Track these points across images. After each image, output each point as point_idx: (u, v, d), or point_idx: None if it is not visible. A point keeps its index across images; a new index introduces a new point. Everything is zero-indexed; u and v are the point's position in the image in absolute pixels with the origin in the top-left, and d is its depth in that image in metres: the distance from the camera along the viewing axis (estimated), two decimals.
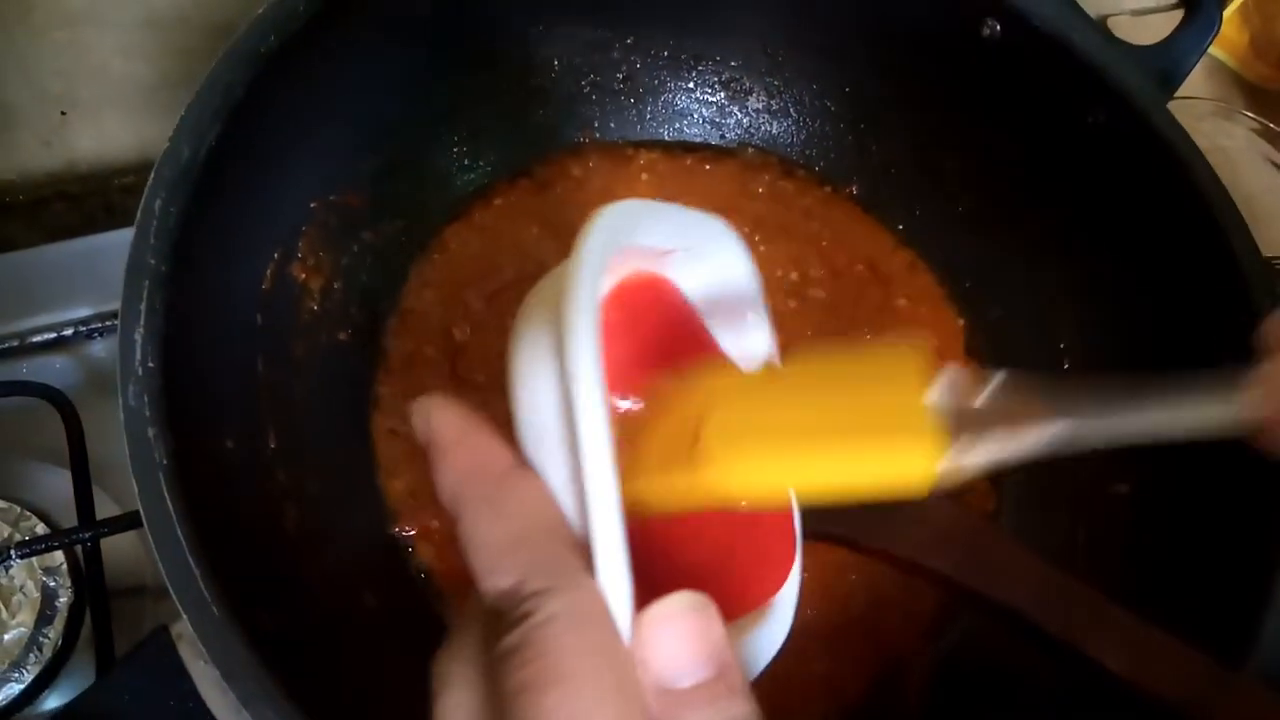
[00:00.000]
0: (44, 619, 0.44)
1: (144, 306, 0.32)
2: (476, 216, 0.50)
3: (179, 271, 0.33)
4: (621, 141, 0.54)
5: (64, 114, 0.59)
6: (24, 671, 0.44)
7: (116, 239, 0.54)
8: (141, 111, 0.59)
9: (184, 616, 0.29)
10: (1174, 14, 0.48)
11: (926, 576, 0.38)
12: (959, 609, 0.45)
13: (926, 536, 0.38)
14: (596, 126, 0.53)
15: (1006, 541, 0.40)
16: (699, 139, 0.55)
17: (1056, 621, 0.34)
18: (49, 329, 0.53)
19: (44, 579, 0.45)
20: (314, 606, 0.39)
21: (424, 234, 0.49)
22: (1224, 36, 0.70)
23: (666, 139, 0.55)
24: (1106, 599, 0.35)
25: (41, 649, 0.44)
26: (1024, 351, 0.49)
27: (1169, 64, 0.46)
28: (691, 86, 0.54)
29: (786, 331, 0.31)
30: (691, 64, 0.53)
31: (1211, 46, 0.47)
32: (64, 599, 0.45)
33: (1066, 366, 0.48)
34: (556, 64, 0.51)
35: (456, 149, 0.50)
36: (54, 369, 0.53)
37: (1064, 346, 0.48)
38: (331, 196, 0.44)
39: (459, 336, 0.47)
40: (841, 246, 0.52)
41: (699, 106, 0.54)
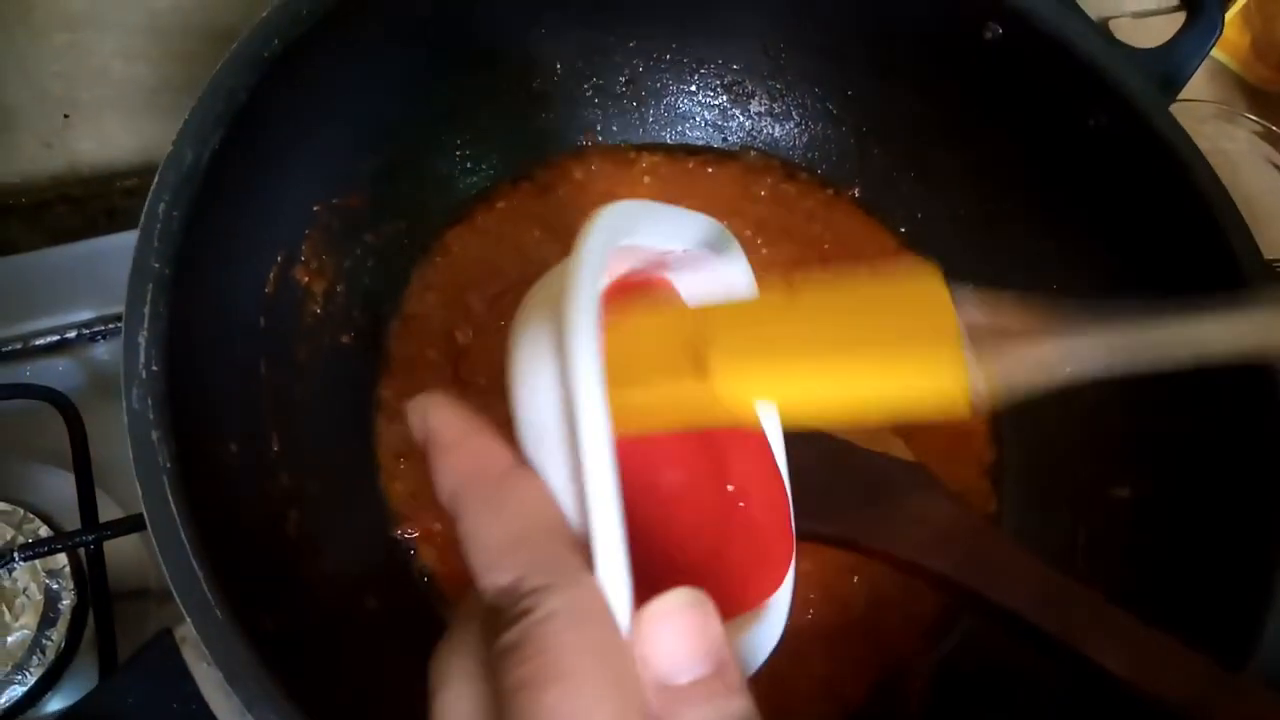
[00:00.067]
0: (47, 621, 0.44)
1: (148, 310, 0.32)
2: (478, 219, 0.51)
3: (182, 275, 0.33)
4: (623, 144, 0.54)
5: (66, 116, 0.59)
6: (27, 674, 0.43)
7: (118, 242, 0.54)
8: (143, 114, 0.59)
9: (187, 619, 0.29)
10: (1175, 16, 0.48)
11: (926, 578, 0.38)
12: (959, 610, 0.45)
13: (927, 537, 0.38)
14: (599, 129, 0.54)
15: (1007, 542, 0.40)
16: (701, 142, 0.55)
17: (1057, 622, 0.34)
18: (51, 331, 0.52)
19: (47, 581, 0.45)
20: (316, 609, 0.39)
21: (426, 236, 0.49)
22: (1225, 39, 0.70)
23: (669, 142, 0.55)
24: (1107, 600, 0.35)
25: (44, 652, 0.44)
26: None
27: (1171, 67, 0.46)
28: (694, 89, 0.54)
29: None
30: (694, 67, 0.53)
31: (1213, 49, 0.47)
32: (67, 602, 0.45)
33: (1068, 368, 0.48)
34: (558, 67, 0.51)
35: (458, 152, 0.50)
36: (56, 371, 0.52)
37: None
38: (334, 199, 0.44)
39: (461, 339, 0.47)
40: (844, 249, 0.52)
41: (701, 109, 0.54)
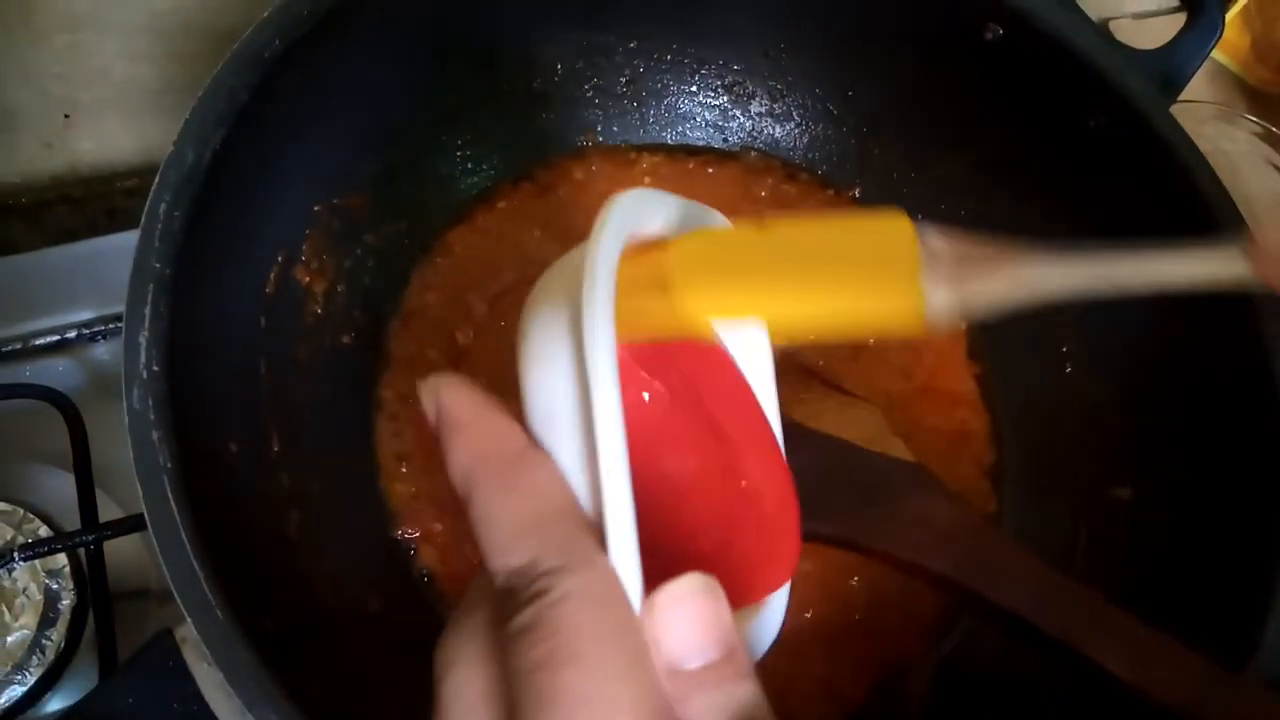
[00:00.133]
0: (47, 622, 0.44)
1: (148, 310, 0.32)
2: (479, 219, 0.51)
3: (183, 275, 0.33)
4: (624, 145, 0.54)
5: (66, 117, 0.59)
6: (27, 674, 0.43)
7: (119, 242, 0.54)
8: (144, 115, 0.59)
9: (188, 619, 0.29)
10: (1175, 17, 0.48)
11: (927, 578, 0.38)
12: (959, 610, 0.45)
13: (927, 538, 0.38)
14: (599, 130, 0.54)
15: (1007, 543, 0.40)
16: (702, 142, 0.55)
17: (1057, 623, 0.34)
18: (51, 331, 0.52)
19: (47, 582, 0.45)
20: (317, 609, 0.39)
21: (426, 236, 0.49)
22: (1225, 40, 0.69)
23: (669, 142, 0.55)
24: (1107, 600, 0.35)
25: (44, 652, 0.44)
26: (1025, 351, 0.50)
27: (1172, 68, 0.46)
28: (694, 90, 0.54)
29: None
30: (694, 67, 0.53)
31: (1213, 50, 0.47)
32: (67, 602, 0.45)
33: (1069, 370, 0.48)
34: (559, 67, 0.51)
35: (459, 152, 0.50)
36: (57, 371, 0.52)
37: (1066, 350, 0.48)
38: (334, 199, 0.44)
39: (461, 339, 0.47)
40: None
41: (702, 110, 0.54)
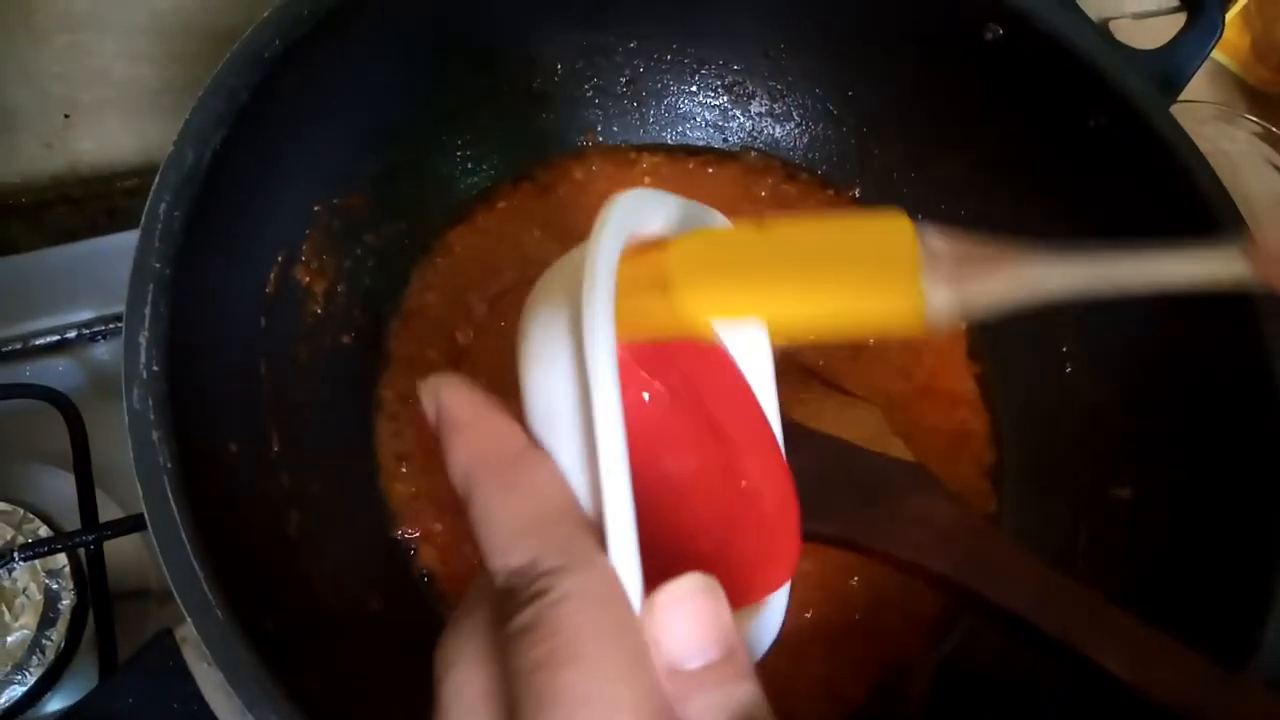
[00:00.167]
0: (47, 622, 0.44)
1: (148, 310, 0.32)
2: (479, 219, 0.51)
3: (183, 275, 0.33)
4: (624, 145, 0.54)
5: (66, 117, 0.59)
6: (27, 674, 0.43)
7: (119, 242, 0.54)
8: (144, 115, 0.59)
9: (188, 619, 0.29)
10: (1175, 17, 0.48)
11: (927, 578, 0.38)
12: (959, 610, 0.45)
13: (927, 538, 0.38)
14: (599, 130, 0.54)
15: (1007, 543, 0.40)
16: (701, 142, 0.55)
17: (1057, 623, 0.34)
18: (51, 331, 0.52)
19: (47, 582, 0.45)
20: (317, 609, 0.39)
21: (426, 236, 0.49)
22: (1225, 40, 0.69)
23: (669, 142, 0.55)
24: (1107, 600, 0.35)
25: (44, 652, 0.44)
26: (1025, 351, 0.50)
27: (1172, 68, 0.46)
28: (694, 90, 0.54)
29: None
30: (694, 67, 0.53)
31: (1213, 50, 0.47)
32: (67, 602, 0.45)
33: (1069, 370, 0.48)
34: (559, 67, 0.51)
35: (459, 152, 0.50)
36: (56, 371, 0.52)
37: (1066, 350, 0.48)
38: (334, 199, 0.44)
39: (461, 339, 0.47)
40: None
41: (702, 110, 0.54)
